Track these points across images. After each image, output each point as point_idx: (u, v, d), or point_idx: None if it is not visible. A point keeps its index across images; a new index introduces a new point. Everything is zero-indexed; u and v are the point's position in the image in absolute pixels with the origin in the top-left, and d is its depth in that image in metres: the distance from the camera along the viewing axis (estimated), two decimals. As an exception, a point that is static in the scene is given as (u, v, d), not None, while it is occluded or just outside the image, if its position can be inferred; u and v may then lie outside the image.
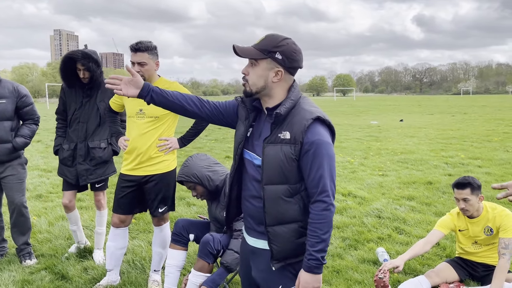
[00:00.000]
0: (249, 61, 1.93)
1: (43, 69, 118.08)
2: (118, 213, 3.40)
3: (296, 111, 1.89)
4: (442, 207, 5.67)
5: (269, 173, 1.87)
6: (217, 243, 3.07)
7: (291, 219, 1.89)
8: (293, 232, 1.90)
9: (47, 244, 4.45)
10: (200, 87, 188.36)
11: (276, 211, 1.88)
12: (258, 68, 1.91)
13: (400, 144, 11.99)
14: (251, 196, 1.99)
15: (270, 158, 1.87)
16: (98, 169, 3.86)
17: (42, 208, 5.78)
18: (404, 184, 7.06)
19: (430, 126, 17.86)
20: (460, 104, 41.39)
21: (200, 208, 5.73)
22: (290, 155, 1.85)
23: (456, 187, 3.34)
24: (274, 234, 1.90)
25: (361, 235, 4.64)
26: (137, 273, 3.74)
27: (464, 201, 3.31)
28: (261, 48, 1.88)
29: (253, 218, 2.00)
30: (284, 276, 1.97)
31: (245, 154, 2.00)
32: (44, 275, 3.69)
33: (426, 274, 3.40)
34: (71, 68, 3.74)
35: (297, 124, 1.86)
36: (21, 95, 3.85)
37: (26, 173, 4.01)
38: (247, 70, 1.93)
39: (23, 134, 3.86)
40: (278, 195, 1.88)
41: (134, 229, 4.86)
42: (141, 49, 3.16)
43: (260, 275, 2.01)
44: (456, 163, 8.89)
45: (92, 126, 3.82)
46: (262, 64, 1.90)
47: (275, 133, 1.88)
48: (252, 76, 1.92)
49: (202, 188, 3.22)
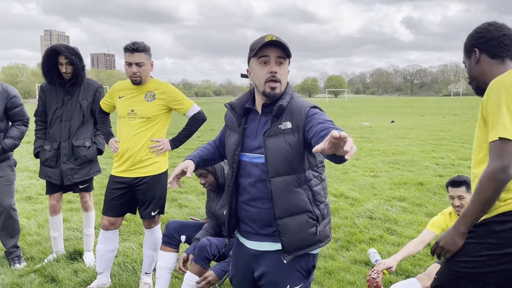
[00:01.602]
0: (275, 60, 1.87)
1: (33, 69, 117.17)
2: (108, 215, 3.36)
3: (293, 103, 1.92)
4: (433, 207, 5.70)
5: (274, 165, 1.86)
6: (214, 248, 3.05)
7: (301, 209, 1.90)
8: (303, 223, 1.90)
9: (37, 246, 4.39)
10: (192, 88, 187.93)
11: (285, 202, 1.87)
12: (286, 67, 1.91)
13: (392, 145, 12.05)
14: (252, 199, 1.96)
15: (274, 150, 1.86)
16: (82, 169, 3.79)
17: (31, 210, 5.71)
18: (395, 185, 7.09)
19: (421, 127, 17.99)
20: (450, 106, 41.74)
21: (192, 210, 5.70)
22: (295, 143, 1.86)
23: (451, 185, 3.40)
24: (284, 227, 1.88)
25: (353, 236, 4.65)
26: (128, 275, 3.70)
27: (459, 199, 3.36)
28: (288, 46, 1.88)
29: (255, 221, 1.97)
30: (293, 274, 1.96)
31: (243, 157, 1.98)
32: (34, 278, 3.64)
33: (417, 277, 3.42)
34: (53, 64, 3.68)
35: (296, 113, 1.88)
36: (11, 96, 3.78)
37: (15, 175, 3.95)
38: (276, 69, 1.87)
39: (12, 135, 3.80)
40: (286, 185, 1.87)
41: (125, 231, 4.82)
42: (139, 49, 3.14)
43: (269, 276, 1.98)
44: (446, 164, 8.95)
45: (76, 124, 3.74)
46: (286, 63, 1.92)
47: (275, 125, 1.88)
48: (283, 75, 1.90)
49: (213, 178, 3.15)
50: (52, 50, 3.64)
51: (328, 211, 2.03)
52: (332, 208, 5.65)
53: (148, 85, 3.29)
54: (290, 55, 1.89)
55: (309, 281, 2.03)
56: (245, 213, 2.00)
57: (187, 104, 3.37)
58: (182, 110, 3.37)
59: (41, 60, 3.76)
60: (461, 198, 3.35)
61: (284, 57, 1.88)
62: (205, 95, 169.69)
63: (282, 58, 1.87)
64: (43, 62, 3.69)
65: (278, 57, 1.87)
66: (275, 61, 1.87)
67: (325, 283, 3.57)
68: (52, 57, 3.66)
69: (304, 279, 2.00)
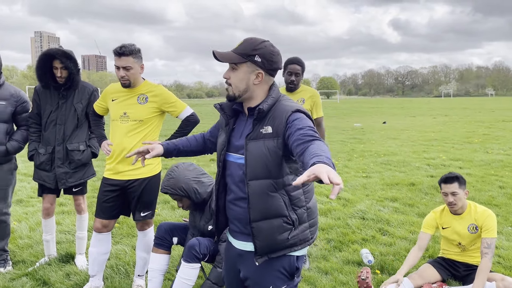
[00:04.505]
0: (230, 66, 1.97)
1: (23, 71, 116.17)
2: (101, 218, 3.35)
3: (277, 107, 1.94)
4: (424, 208, 5.75)
5: (253, 168, 1.89)
6: (204, 247, 3.05)
7: (276, 214, 1.91)
8: (277, 227, 1.92)
9: (28, 250, 4.36)
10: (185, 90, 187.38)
11: (260, 206, 1.90)
12: (239, 72, 1.96)
13: (383, 146, 12.13)
14: (237, 198, 2.00)
15: (253, 153, 1.89)
16: (77, 172, 3.78)
17: (22, 213, 5.67)
18: (387, 186, 7.13)
19: (412, 128, 18.11)
20: (441, 107, 42.08)
21: (184, 212, 5.69)
22: (274, 148, 1.88)
23: (444, 182, 3.45)
24: (258, 230, 1.91)
25: (345, 237, 4.67)
26: (120, 278, 3.69)
27: (453, 195, 3.41)
28: (240, 52, 1.93)
29: (240, 221, 2.00)
30: (274, 276, 1.97)
31: (228, 157, 2.02)
32: (25, 281, 3.61)
33: (409, 276, 3.45)
34: (48, 67, 3.66)
35: (278, 118, 1.90)
36: (22, 101, 3.84)
37: (14, 179, 3.93)
38: (228, 74, 1.98)
39: (18, 138, 3.81)
40: (263, 189, 1.89)
41: (118, 234, 4.80)
42: (125, 53, 3.12)
43: (251, 276, 2.00)
44: (437, 165, 9.02)
45: (70, 128, 3.72)
46: (243, 67, 1.95)
47: (257, 129, 1.92)
48: (234, 80, 1.97)
49: (188, 201, 3.17)
50: (47, 55, 3.63)
51: (310, 215, 2.01)
52: (325, 209, 5.68)
53: (141, 88, 3.28)
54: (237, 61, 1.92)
55: (293, 283, 2.02)
56: (231, 212, 2.04)
57: (180, 107, 3.38)
58: (175, 112, 3.37)
59: (31, 62, 3.75)
60: (455, 194, 3.41)
61: (235, 63, 1.94)
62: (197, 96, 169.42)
63: (234, 64, 1.95)
64: (37, 66, 3.67)
65: (230, 63, 1.97)
66: (229, 66, 1.98)
67: (318, 283, 3.58)
68: (46, 61, 3.65)
69: (287, 280, 2.00)
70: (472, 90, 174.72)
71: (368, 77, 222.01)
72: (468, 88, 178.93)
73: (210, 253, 3.08)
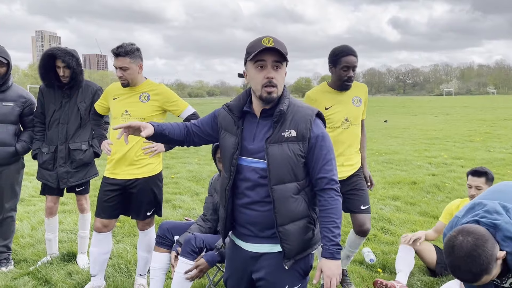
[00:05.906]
0: (272, 64, 1.84)
1: (24, 71, 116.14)
2: (101, 218, 3.34)
3: (294, 109, 1.91)
4: (426, 206, 5.74)
5: (277, 172, 1.86)
6: (199, 241, 3.04)
7: (301, 215, 1.92)
8: (303, 228, 1.92)
9: (30, 248, 4.36)
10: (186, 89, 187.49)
11: (287, 210, 1.88)
12: (282, 71, 1.89)
13: (385, 145, 12.11)
14: (252, 202, 1.94)
15: (277, 157, 1.86)
16: (79, 172, 3.78)
17: (24, 212, 5.67)
18: (389, 184, 7.12)
19: (414, 126, 18.09)
20: (442, 105, 42.01)
21: (186, 211, 5.69)
22: (299, 151, 1.87)
23: (472, 175, 3.49)
24: (286, 233, 1.89)
25: (347, 236, 4.65)
26: (122, 277, 3.69)
27: (477, 189, 3.43)
28: (285, 50, 1.85)
29: (254, 224, 1.96)
30: (292, 275, 1.97)
31: (241, 162, 1.95)
32: (27, 280, 3.62)
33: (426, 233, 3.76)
34: (51, 67, 3.66)
35: (301, 122, 1.88)
36: (30, 102, 3.88)
37: (21, 177, 3.98)
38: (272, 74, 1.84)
39: (26, 139, 3.85)
40: (288, 193, 1.88)
41: (119, 233, 4.80)
42: (121, 54, 3.12)
43: (268, 278, 1.98)
44: (439, 163, 9.01)
45: (73, 127, 3.73)
46: (284, 67, 1.89)
47: (278, 132, 1.87)
48: (280, 79, 1.87)
49: None
50: (49, 55, 3.63)
51: None
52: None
53: (143, 86, 3.28)
54: (287, 59, 1.87)
55: (306, 280, 2.05)
56: (243, 216, 1.98)
57: (181, 106, 3.37)
58: (177, 111, 3.37)
59: (32, 61, 3.76)
60: (479, 188, 3.43)
61: (281, 61, 1.85)
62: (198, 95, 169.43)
63: (279, 62, 1.85)
64: (40, 65, 3.68)
65: (275, 61, 1.84)
66: (272, 65, 1.84)
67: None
68: (48, 61, 3.65)
69: (302, 279, 2.02)
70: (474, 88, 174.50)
71: (369, 75, 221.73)
72: (470, 86, 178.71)
73: (206, 246, 3.07)
